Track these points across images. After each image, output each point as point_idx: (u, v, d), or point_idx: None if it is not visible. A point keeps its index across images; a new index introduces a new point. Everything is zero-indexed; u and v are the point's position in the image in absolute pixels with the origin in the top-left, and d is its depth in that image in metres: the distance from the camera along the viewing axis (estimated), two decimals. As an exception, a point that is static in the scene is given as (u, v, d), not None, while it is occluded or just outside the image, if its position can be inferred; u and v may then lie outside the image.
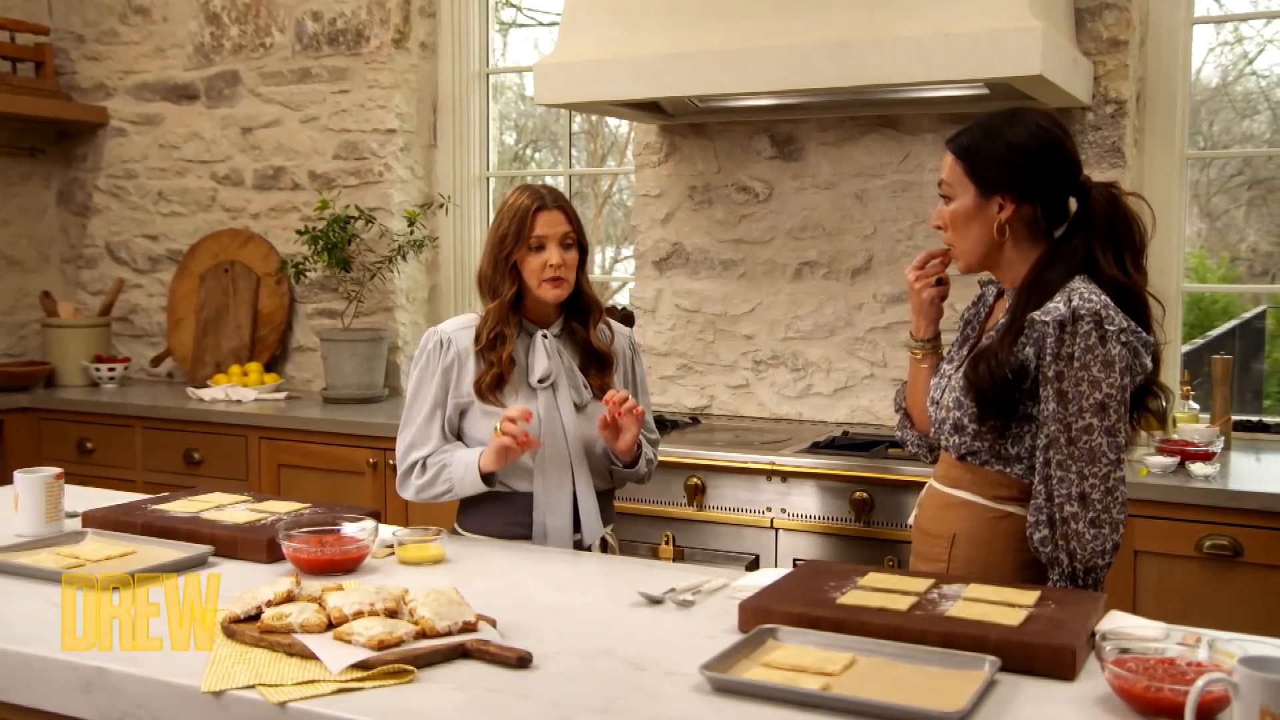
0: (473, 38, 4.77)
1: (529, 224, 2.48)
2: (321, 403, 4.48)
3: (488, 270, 2.54)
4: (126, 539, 2.30)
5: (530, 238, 2.48)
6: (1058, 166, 2.13)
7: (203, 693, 1.59)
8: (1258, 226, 5.67)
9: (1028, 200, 2.13)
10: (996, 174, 2.12)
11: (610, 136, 5.85)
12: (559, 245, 2.50)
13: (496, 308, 2.51)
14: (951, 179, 2.17)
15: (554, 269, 2.47)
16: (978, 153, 2.13)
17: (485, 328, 2.52)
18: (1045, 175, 2.12)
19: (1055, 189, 2.14)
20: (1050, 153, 2.13)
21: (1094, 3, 3.57)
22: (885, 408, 3.93)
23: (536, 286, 2.49)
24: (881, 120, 3.88)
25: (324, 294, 4.80)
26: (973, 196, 2.14)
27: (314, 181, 4.77)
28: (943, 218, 2.19)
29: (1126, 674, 1.52)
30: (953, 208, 2.17)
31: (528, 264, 2.49)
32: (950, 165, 2.18)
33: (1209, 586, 2.95)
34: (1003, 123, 2.15)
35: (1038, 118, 2.16)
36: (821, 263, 4.00)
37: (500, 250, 2.50)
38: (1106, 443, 2.00)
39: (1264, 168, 5.13)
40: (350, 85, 4.68)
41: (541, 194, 2.53)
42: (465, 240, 4.82)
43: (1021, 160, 2.11)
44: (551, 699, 1.57)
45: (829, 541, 3.31)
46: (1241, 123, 4.49)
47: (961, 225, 2.16)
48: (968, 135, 2.18)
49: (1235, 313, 6.07)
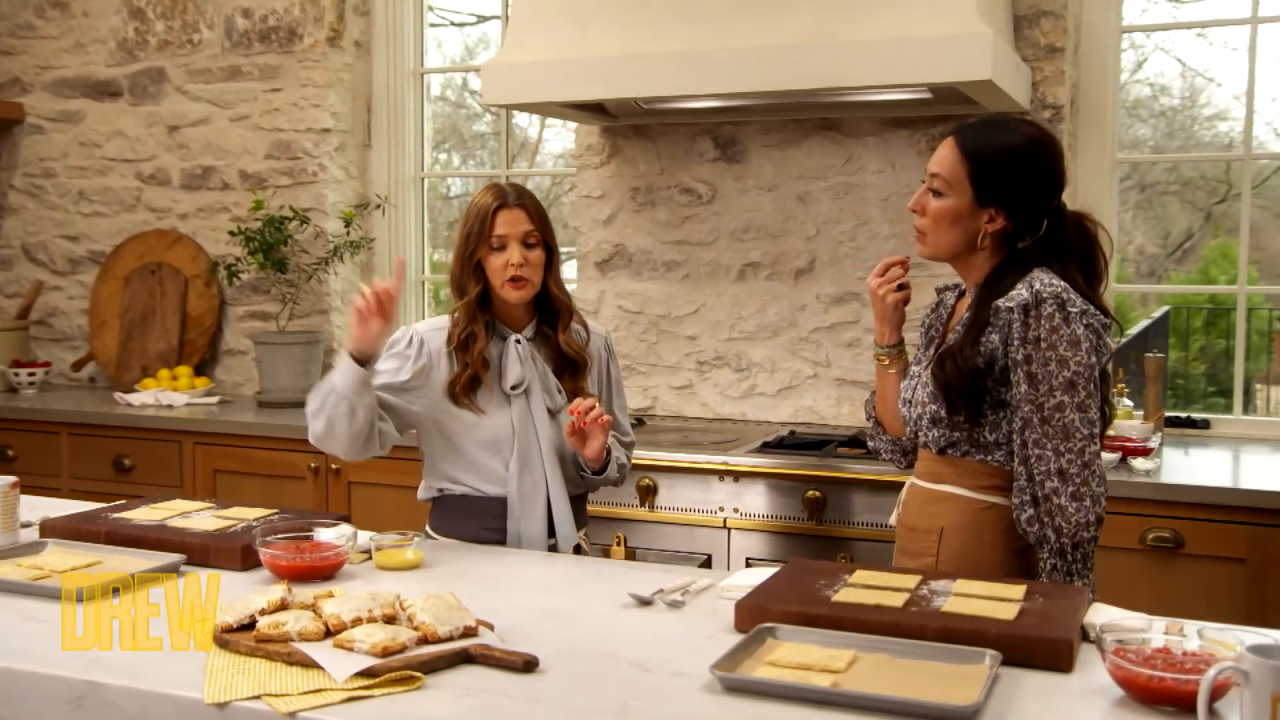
0: (407, 36, 4.72)
1: (490, 222, 2.46)
2: (256, 407, 4.40)
3: (455, 270, 2.52)
4: (90, 549, 2.23)
5: (491, 237, 2.46)
6: (1053, 190, 2.18)
7: (206, 705, 1.55)
8: (1144, 229, 5.89)
9: (1016, 216, 2.17)
10: (999, 188, 2.14)
11: (520, 137, 5.82)
12: (520, 244, 2.47)
13: (464, 307, 2.49)
14: (951, 178, 2.17)
15: (515, 268, 2.44)
16: (987, 162, 2.14)
17: (456, 328, 2.49)
18: (1041, 197, 2.16)
19: (1043, 209, 2.18)
20: (1050, 176, 2.17)
21: (1031, 10, 3.66)
22: (829, 407, 3.98)
23: (499, 287, 2.47)
24: (824, 123, 3.92)
25: (256, 296, 4.71)
26: (968, 201, 2.16)
27: (245, 181, 4.68)
28: (923, 207, 2.21)
29: (1129, 665, 1.56)
30: (943, 204, 2.18)
31: (490, 264, 2.47)
32: (953, 164, 2.17)
33: (1152, 577, 3.04)
34: (1015, 137, 2.16)
35: (1041, 136, 2.19)
36: (765, 264, 4.03)
37: (465, 249, 2.49)
38: (1079, 418, 2.05)
39: (1150, 172, 5.31)
40: (283, 84, 4.60)
41: (504, 192, 2.51)
42: (401, 242, 4.76)
43: (1025, 180, 2.14)
44: (566, 702, 1.56)
45: (782, 540, 3.34)
46: (1133, 127, 4.62)
47: (946, 223, 2.18)
48: (978, 139, 2.17)
49: (1126, 314, 6.30)
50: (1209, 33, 4.26)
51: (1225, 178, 4.80)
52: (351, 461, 2.56)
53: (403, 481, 3.84)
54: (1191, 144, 4.81)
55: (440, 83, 5.15)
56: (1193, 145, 4.32)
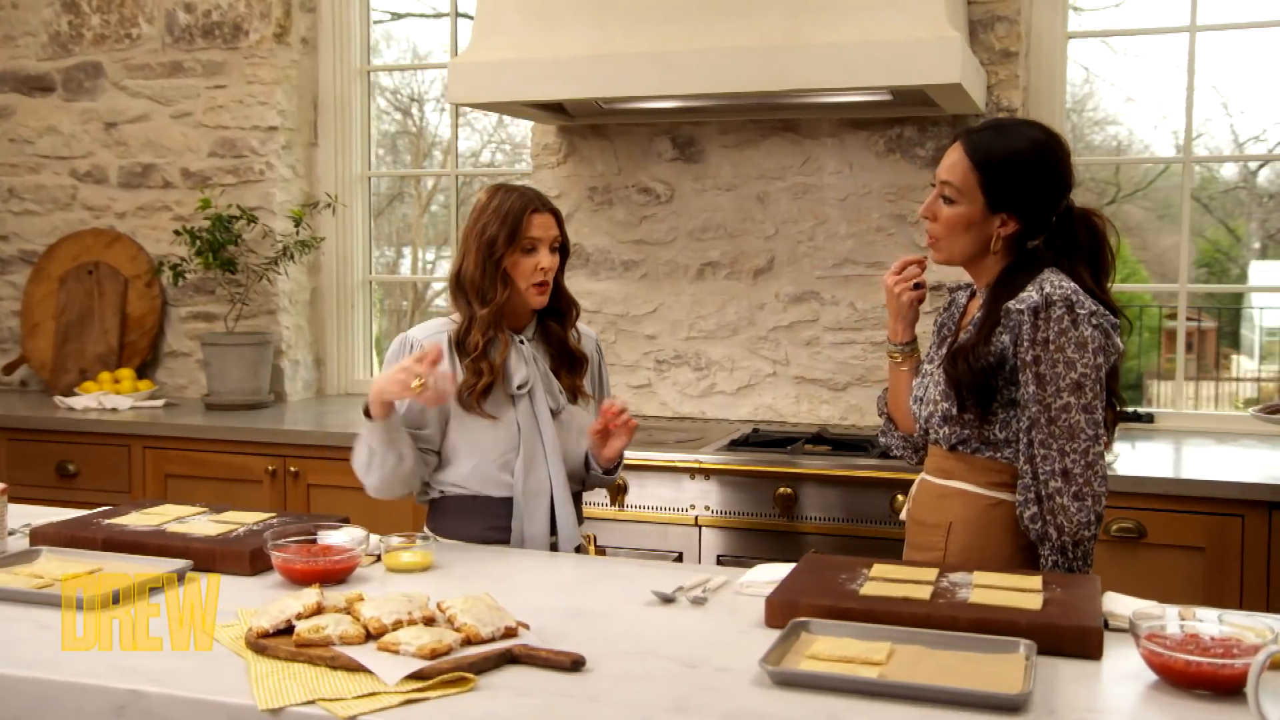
0: (354, 33, 4.66)
1: (523, 226, 2.45)
2: (204, 409, 4.31)
3: (475, 274, 2.46)
4: (87, 556, 2.18)
5: (524, 239, 2.45)
6: (1062, 190, 2.23)
7: (261, 711, 1.53)
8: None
9: (1027, 218, 2.22)
10: (1010, 193, 2.19)
11: (432, 136, 5.80)
12: (549, 249, 2.48)
13: (489, 314, 2.45)
14: (963, 186, 2.20)
15: (545, 272, 2.45)
16: (997, 169, 2.18)
17: (476, 335, 2.45)
18: (1051, 199, 2.21)
19: (1053, 209, 2.23)
20: (1058, 177, 2.22)
21: (987, 15, 3.75)
22: (788, 405, 4.03)
23: (525, 290, 2.46)
24: (782, 124, 3.97)
25: (200, 297, 4.61)
26: (980, 209, 2.20)
27: (187, 180, 4.58)
28: (935, 214, 2.25)
29: (1166, 650, 1.62)
30: (955, 212, 2.21)
31: (519, 267, 2.46)
32: (964, 172, 2.20)
33: (1117, 566, 3.14)
34: (1022, 142, 2.21)
35: (1046, 139, 2.23)
36: (723, 263, 4.07)
37: (491, 253, 2.45)
38: (1084, 419, 2.11)
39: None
40: (227, 80, 4.52)
41: (531, 196, 2.50)
42: (348, 241, 4.70)
43: (1035, 184, 2.19)
44: (624, 701, 1.57)
45: (753, 537, 3.37)
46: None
47: (960, 230, 2.22)
48: (987, 146, 2.20)
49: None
50: (1110, 40, 4.38)
51: (1114, 179, 4.95)
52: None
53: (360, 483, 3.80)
54: (1082, 146, 4.96)
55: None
56: (1083, 149, 4.44)
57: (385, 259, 5.47)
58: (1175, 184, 4.86)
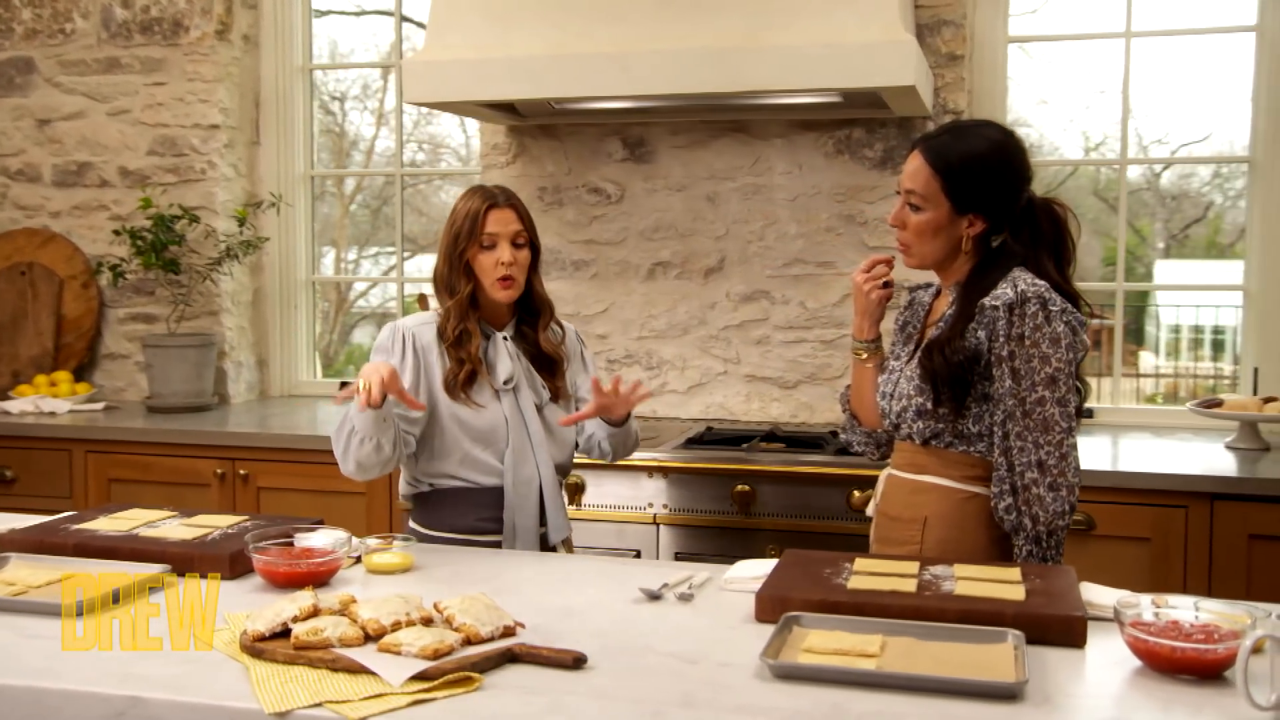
0: (296, 31, 4.61)
1: (481, 221, 2.50)
2: (145, 412, 4.24)
3: (444, 269, 2.55)
4: (58, 562, 2.13)
5: (482, 235, 2.50)
6: (1023, 186, 2.29)
7: (268, 715, 1.52)
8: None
9: (994, 216, 2.27)
10: (974, 195, 2.24)
11: (353, 136, 5.76)
12: (510, 244, 2.52)
13: (456, 305, 2.52)
14: (926, 193, 2.25)
15: (505, 267, 2.49)
16: (959, 175, 2.23)
17: (450, 324, 2.52)
18: (1014, 195, 2.28)
19: (1016, 205, 2.29)
20: (1018, 176, 2.28)
21: (933, 19, 3.82)
22: (739, 404, 4.07)
23: (489, 286, 2.50)
24: (732, 125, 4.01)
25: (139, 298, 4.52)
26: (947, 212, 2.25)
27: (125, 179, 4.50)
28: (903, 221, 2.30)
29: (1151, 637, 1.67)
30: (923, 218, 2.26)
31: (480, 262, 2.51)
32: (926, 179, 2.25)
33: (1068, 558, 3.18)
34: (980, 144, 2.26)
35: (1003, 138, 2.30)
36: (674, 263, 4.10)
37: (454, 248, 2.52)
38: (1058, 412, 2.18)
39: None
40: (167, 77, 4.44)
41: (494, 193, 2.57)
42: (291, 241, 4.65)
43: (997, 186, 2.25)
44: (629, 696, 1.58)
45: (712, 534, 3.40)
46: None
47: (930, 235, 2.27)
48: (946, 151, 2.25)
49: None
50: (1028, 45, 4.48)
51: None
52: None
53: (313, 485, 3.78)
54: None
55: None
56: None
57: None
58: (1083, 185, 5.01)
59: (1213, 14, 4.02)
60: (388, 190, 5.44)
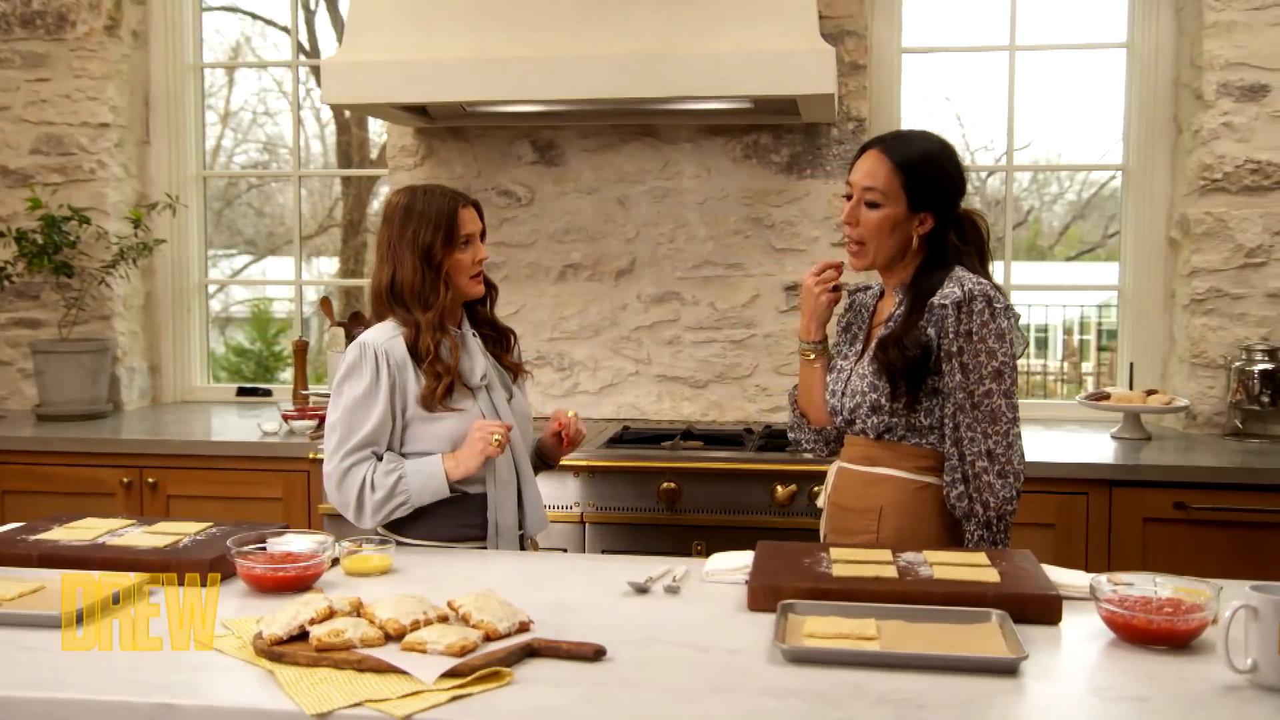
0: (186, 28, 4.50)
1: (458, 224, 2.49)
2: (35, 420, 4.08)
3: (414, 281, 2.47)
4: (29, 573, 2.07)
5: (460, 236, 2.49)
6: (963, 189, 2.45)
7: (311, 716, 1.52)
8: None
9: (941, 215, 2.40)
10: (928, 195, 2.38)
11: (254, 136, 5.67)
12: (480, 239, 2.56)
13: (434, 317, 2.47)
14: (887, 189, 2.37)
15: (481, 264, 2.52)
16: (919, 172, 2.37)
17: (427, 340, 2.46)
18: (958, 197, 2.44)
19: (957, 207, 2.43)
20: (962, 176, 2.45)
21: (836, 29, 3.96)
22: (651, 403, 4.14)
23: (465, 284, 2.50)
24: (642, 129, 4.08)
25: (22, 302, 4.35)
26: (903, 210, 2.38)
27: (6, 178, 4.32)
28: (857, 219, 2.40)
29: (1125, 611, 1.80)
30: (880, 215, 2.38)
31: (458, 263, 2.50)
32: (888, 176, 2.37)
33: (979, 546, 3.38)
34: (933, 145, 2.42)
35: (945, 143, 2.46)
36: (585, 265, 4.14)
37: (429, 259, 2.47)
38: (1004, 404, 2.32)
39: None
40: (52, 73, 4.28)
41: (453, 193, 2.55)
42: (185, 244, 4.53)
43: (949, 185, 2.41)
44: (659, 685, 1.63)
45: (639, 532, 3.46)
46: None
47: (885, 232, 2.38)
48: (906, 150, 2.39)
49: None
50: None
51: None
52: None
53: (224, 492, 3.71)
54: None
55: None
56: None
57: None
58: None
59: (1088, 31, 4.27)
60: (230, 192, 5.34)
